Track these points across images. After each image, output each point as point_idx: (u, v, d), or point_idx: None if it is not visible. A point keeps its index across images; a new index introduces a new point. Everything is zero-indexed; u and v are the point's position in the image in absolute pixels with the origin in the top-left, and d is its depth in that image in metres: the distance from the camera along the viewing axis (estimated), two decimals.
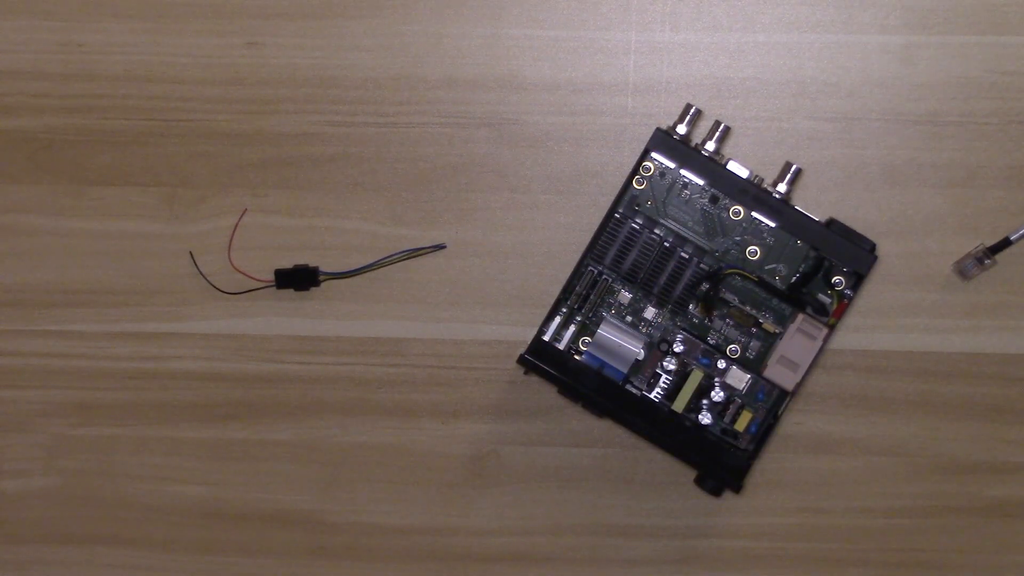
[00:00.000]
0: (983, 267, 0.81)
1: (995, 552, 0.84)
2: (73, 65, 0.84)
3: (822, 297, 0.79)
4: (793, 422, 0.83)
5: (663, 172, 0.79)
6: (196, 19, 0.84)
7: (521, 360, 0.80)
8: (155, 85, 0.84)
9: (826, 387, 0.83)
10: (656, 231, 0.80)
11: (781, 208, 0.79)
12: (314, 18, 0.84)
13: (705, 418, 0.80)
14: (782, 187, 0.79)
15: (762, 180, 0.80)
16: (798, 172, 0.80)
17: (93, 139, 0.85)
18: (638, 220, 0.80)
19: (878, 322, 0.83)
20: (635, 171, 0.79)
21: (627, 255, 0.80)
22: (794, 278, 0.79)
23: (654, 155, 0.79)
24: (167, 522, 0.87)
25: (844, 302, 0.79)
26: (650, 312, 0.80)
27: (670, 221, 0.80)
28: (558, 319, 0.81)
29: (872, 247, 0.79)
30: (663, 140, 0.79)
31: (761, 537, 0.84)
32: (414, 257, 0.84)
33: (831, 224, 0.80)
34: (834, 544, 0.84)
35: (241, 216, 0.85)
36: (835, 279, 0.79)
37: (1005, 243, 0.81)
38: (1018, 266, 0.82)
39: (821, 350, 0.78)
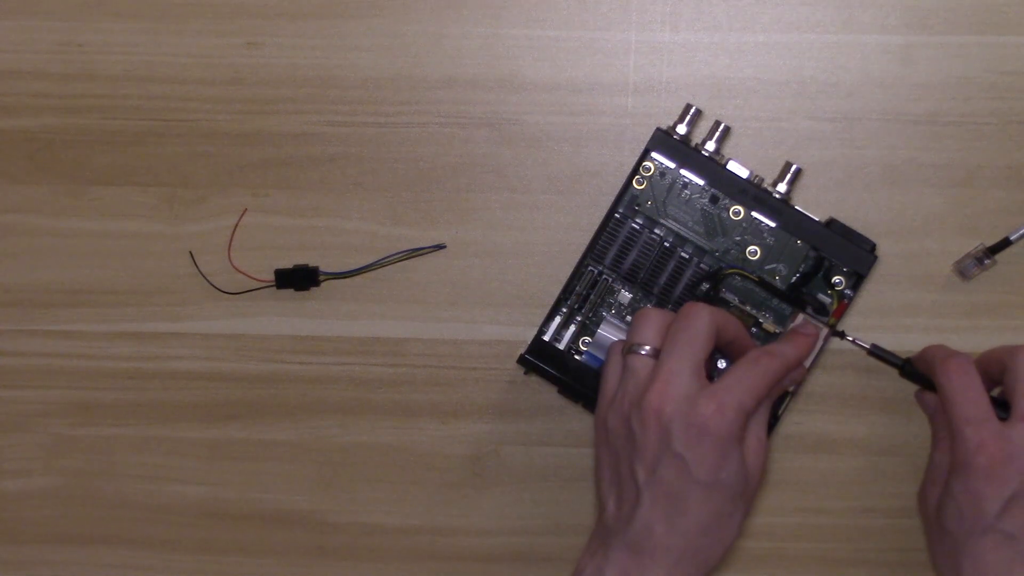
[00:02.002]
0: (983, 267, 0.81)
1: None
2: (73, 65, 0.84)
3: (822, 297, 0.79)
4: (793, 422, 0.83)
5: (663, 172, 0.79)
6: (196, 19, 0.84)
7: (521, 360, 0.80)
8: (155, 85, 0.84)
9: (826, 387, 0.83)
10: (656, 231, 0.80)
11: (781, 208, 0.79)
12: (314, 18, 0.84)
13: None
14: (782, 187, 0.79)
15: (762, 180, 0.80)
16: (798, 172, 0.80)
17: (93, 139, 0.85)
18: (638, 220, 0.80)
19: (878, 322, 0.82)
20: (635, 171, 0.79)
21: (627, 255, 0.80)
22: (794, 278, 0.79)
23: (654, 155, 0.79)
24: (167, 522, 0.87)
25: (844, 302, 0.79)
26: None
27: (670, 221, 0.80)
28: (558, 319, 0.81)
29: (872, 247, 0.79)
30: (663, 140, 0.79)
31: (761, 537, 0.84)
32: (414, 257, 0.84)
33: (831, 224, 0.80)
34: (834, 544, 0.84)
35: (241, 216, 0.85)
36: (835, 279, 0.79)
37: (1005, 243, 0.81)
38: (1018, 266, 0.82)
39: (821, 350, 0.78)
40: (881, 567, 0.84)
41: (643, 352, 0.74)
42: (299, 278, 0.84)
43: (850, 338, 0.79)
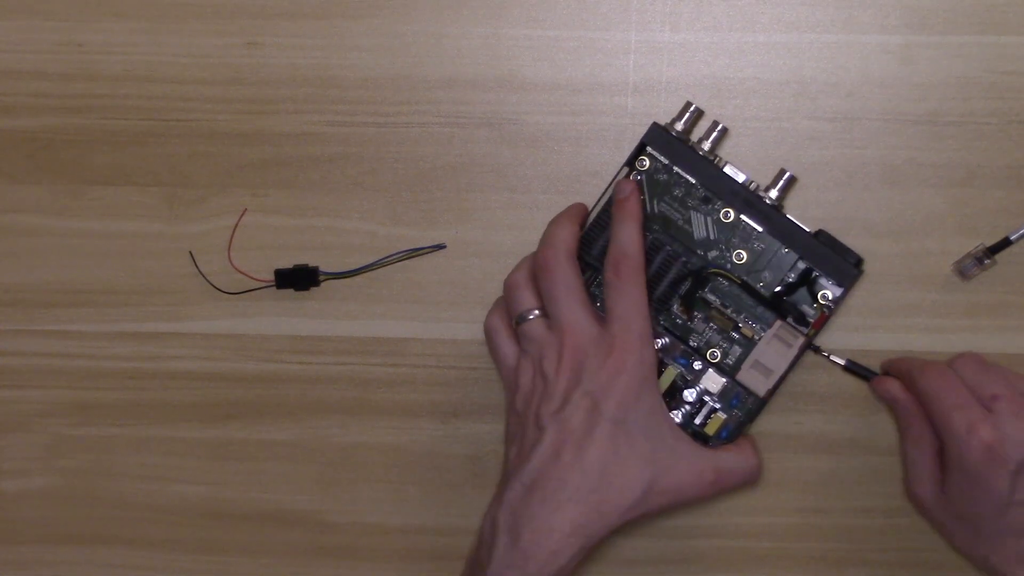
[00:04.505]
0: (983, 267, 0.81)
1: None
2: (73, 65, 0.84)
3: (804, 307, 0.79)
4: (793, 422, 0.83)
5: (657, 168, 0.79)
6: (196, 19, 0.84)
7: None
8: (155, 85, 0.84)
9: (826, 387, 0.83)
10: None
11: (771, 215, 0.79)
12: (314, 18, 0.84)
13: (676, 417, 0.79)
14: (774, 193, 0.79)
15: (757, 186, 0.79)
16: (791, 180, 0.79)
17: (93, 139, 0.85)
18: None
19: (878, 322, 0.82)
20: (630, 165, 0.79)
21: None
22: (778, 286, 0.79)
23: (649, 150, 0.79)
24: (167, 522, 0.87)
25: (825, 313, 0.79)
26: None
27: (659, 218, 0.79)
28: None
29: (858, 261, 0.78)
30: (659, 136, 0.79)
31: (761, 537, 0.84)
32: (414, 257, 0.84)
33: (819, 235, 0.79)
34: (834, 544, 0.84)
35: (241, 216, 0.85)
36: (818, 291, 0.78)
37: (1005, 243, 0.81)
38: (1018, 266, 0.82)
39: (796, 358, 0.78)
40: (881, 567, 0.84)
41: (533, 317, 0.77)
42: (299, 278, 0.84)
43: (824, 353, 0.79)
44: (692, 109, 0.80)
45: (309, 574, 0.87)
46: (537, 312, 0.77)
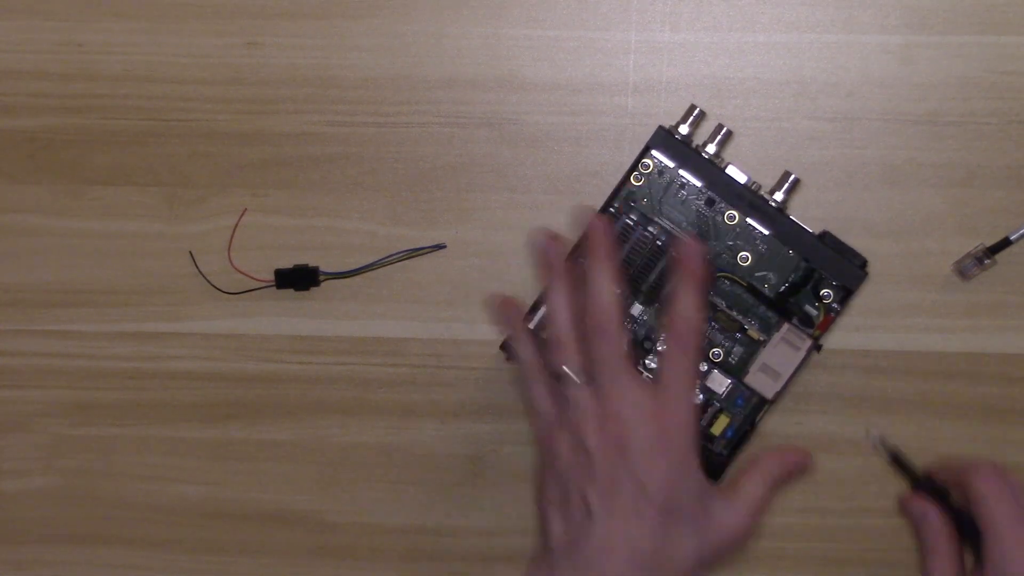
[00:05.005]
0: (983, 267, 0.81)
1: None
2: (73, 65, 0.84)
3: (809, 309, 0.79)
4: (793, 422, 0.83)
5: (662, 171, 0.79)
6: (196, 19, 0.84)
7: (503, 347, 0.80)
8: (155, 85, 0.84)
9: (826, 387, 0.83)
10: (649, 228, 0.80)
11: (776, 217, 0.79)
12: (314, 18, 0.84)
13: None
14: (779, 195, 0.79)
15: (760, 187, 0.79)
16: (796, 182, 0.79)
17: (93, 139, 0.85)
18: (632, 216, 0.80)
19: (878, 322, 0.82)
20: (634, 167, 0.79)
21: (618, 250, 0.80)
22: (783, 287, 0.79)
23: (654, 153, 0.79)
24: (167, 522, 0.87)
25: (830, 315, 0.79)
26: (636, 309, 0.80)
27: (664, 220, 0.79)
28: (542, 309, 0.80)
29: (863, 263, 0.78)
30: (664, 139, 0.79)
31: (761, 537, 0.84)
32: (414, 257, 0.84)
33: (824, 237, 0.79)
34: (834, 544, 0.84)
35: (241, 216, 0.85)
36: (823, 292, 0.78)
37: (1005, 243, 0.81)
38: (1018, 266, 0.82)
39: (804, 361, 0.78)
40: (881, 567, 0.84)
41: (579, 381, 0.73)
42: (299, 278, 0.84)
43: (875, 434, 0.77)
44: (696, 112, 0.80)
45: (309, 574, 0.87)
46: (584, 377, 0.73)
